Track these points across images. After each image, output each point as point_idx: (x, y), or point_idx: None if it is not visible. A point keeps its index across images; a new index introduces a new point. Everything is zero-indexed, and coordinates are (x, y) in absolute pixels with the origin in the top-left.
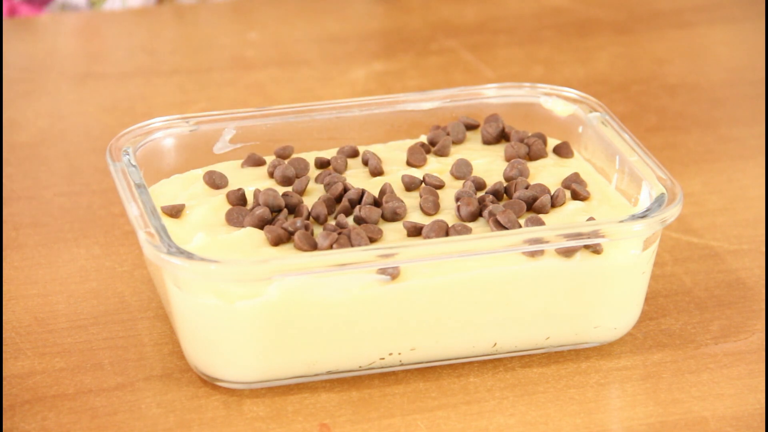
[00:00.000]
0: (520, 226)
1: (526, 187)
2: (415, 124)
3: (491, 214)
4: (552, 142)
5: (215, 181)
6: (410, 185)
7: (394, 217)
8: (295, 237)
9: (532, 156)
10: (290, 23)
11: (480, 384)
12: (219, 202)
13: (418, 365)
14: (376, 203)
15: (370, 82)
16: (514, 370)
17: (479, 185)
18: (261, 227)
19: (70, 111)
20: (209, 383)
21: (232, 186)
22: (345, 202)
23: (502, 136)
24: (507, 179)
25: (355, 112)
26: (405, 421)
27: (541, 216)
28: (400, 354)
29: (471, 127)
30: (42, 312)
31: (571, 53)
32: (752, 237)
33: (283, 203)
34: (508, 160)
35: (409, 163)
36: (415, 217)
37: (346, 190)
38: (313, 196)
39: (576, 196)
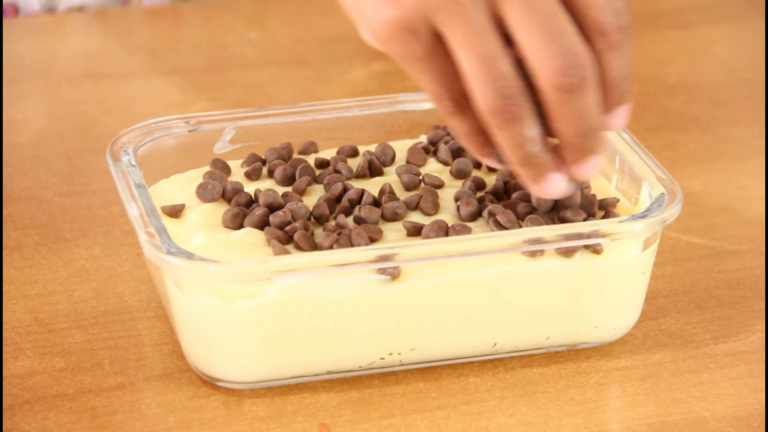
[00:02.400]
0: (520, 226)
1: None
2: (415, 124)
3: (491, 214)
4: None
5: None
6: (410, 185)
7: (394, 217)
8: (295, 237)
9: None
10: (290, 23)
11: (480, 384)
12: (219, 202)
13: (418, 365)
14: (376, 203)
15: (370, 82)
16: (514, 370)
17: (479, 185)
18: (261, 227)
19: (70, 111)
20: (209, 383)
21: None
22: (345, 202)
23: None
24: (507, 179)
25: (355, 112)
26: (405, 421)
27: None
28: (400, 354)
29: None
30: (42, 312)
31: None
32: (752, 237)
33: (283, 203)
34: None
35: (409, 163)
36: (415, 217)
37: (346, 190)
38: (313, 196)
39: None
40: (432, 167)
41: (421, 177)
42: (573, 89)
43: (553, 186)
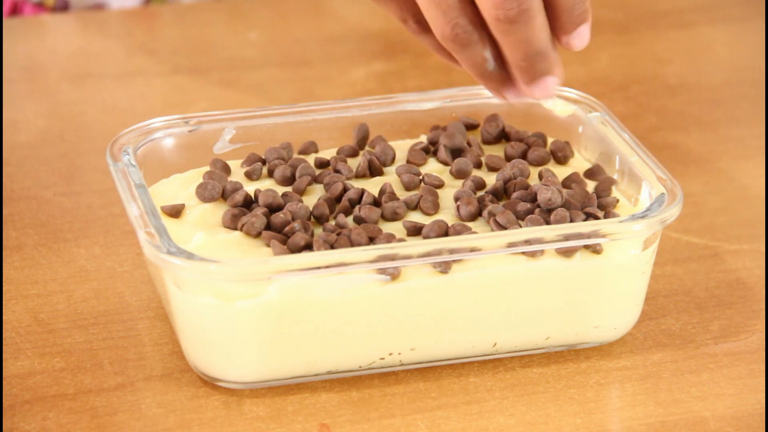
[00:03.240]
0: (520, 226)
1: (526, 188)
2: (415, 124)
3: (491, 214)
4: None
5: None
6: (410, 185)
7: (394, 217)
8: (295, 237)
9: (532, 156)
10: (290, 23)
11: (480, 384)
12: (219, 202)
13: (418, 365)
14: (376, 203)
15: (370, 82)
16: (514, 370)
17: (479, 185)
18: (261, 227)
19: (70, 111)
20: (209, 383)
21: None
22: (345, 202)
23: (502, 136)
24: (507, 179)
25: (355, 112)
26: (405, 421)
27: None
28: (400, 354)
29: (471, 127)
30: (42, 312)
31: (571, 53)
32: (752, 237)
33: (283, 203)
34: (508, 160)
35: (409, 163)
36: (415, 217)
37: (346, 190)
38: (313, 196)
39: None
40: (432, 167)
41: (421, 177)
42: (513, 20)
43: (512, 97)
